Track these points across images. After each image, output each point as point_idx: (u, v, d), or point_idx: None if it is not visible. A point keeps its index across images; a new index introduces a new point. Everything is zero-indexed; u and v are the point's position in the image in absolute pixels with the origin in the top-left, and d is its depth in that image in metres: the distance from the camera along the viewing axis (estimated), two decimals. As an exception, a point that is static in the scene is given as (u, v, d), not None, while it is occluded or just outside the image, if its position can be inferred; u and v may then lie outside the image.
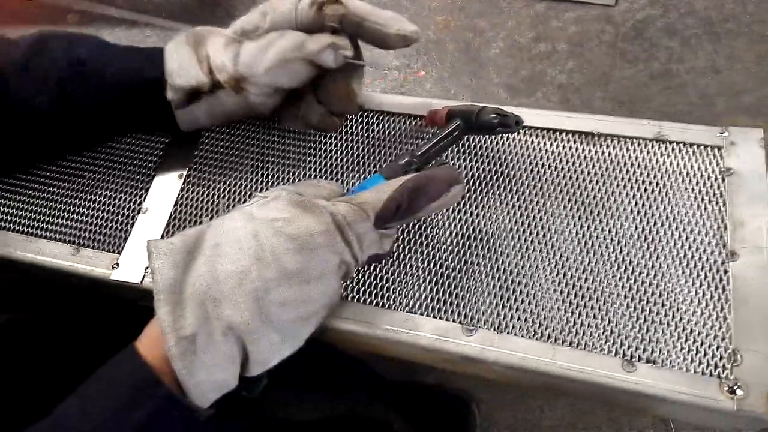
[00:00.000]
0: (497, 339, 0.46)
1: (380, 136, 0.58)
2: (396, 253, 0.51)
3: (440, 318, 0.48)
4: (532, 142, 0.55)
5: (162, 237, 0.55)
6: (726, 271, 0.46)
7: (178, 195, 0.58)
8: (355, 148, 0.58)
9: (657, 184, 0.51)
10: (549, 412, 1.02)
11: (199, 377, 0.37)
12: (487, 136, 0.56)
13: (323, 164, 0.57)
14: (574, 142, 0.55)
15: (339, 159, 0.57)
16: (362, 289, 0.50)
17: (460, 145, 0.56)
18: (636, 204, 0.51)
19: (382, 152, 0.57)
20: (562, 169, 0.54)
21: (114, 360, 0.39)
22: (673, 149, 0.53)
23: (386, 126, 0.59)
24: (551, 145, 0.55)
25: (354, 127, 0.59)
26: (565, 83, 1.32)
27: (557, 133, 0.55)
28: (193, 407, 0.38)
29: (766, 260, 0.46)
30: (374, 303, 0.49)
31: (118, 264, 0.54)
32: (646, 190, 0.51)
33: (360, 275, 0.51)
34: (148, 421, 0.36)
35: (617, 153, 0.53)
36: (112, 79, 0.53)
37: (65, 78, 0.53)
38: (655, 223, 0.49)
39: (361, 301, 0.50)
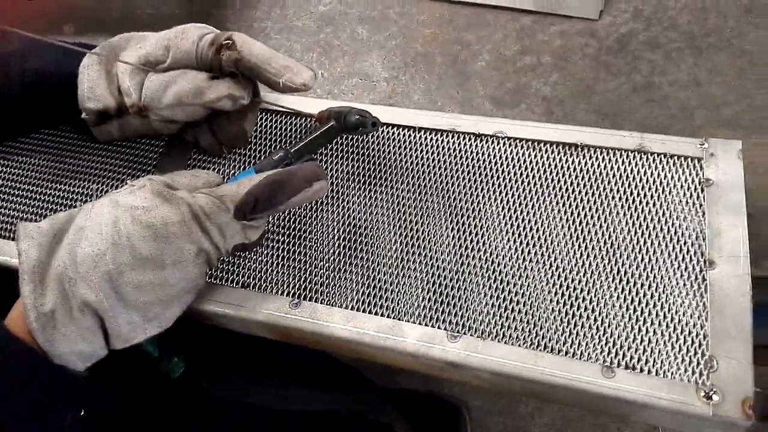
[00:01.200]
0: (481, 345, 0.47)
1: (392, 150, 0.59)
2: (389, 260, 0.52)
3: (427, 325, 0.49)
4: (518, 152, 0.57)
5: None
6: (704, 279, 0.47)
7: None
8: (350, 160, 0.59)
9: (638, 194, 0.52)
10: (539, 419, 1.02)
11: (61, 348, 0.40)
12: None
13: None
14: (558, 152, 0.56)
15: (332, 170, 0.58)
16: (352, 296, 0.51)
17: (450, 153, 0.57)
18: (617, 214, 0.52)
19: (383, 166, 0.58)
20: (546, 179, 0.55)
21: None
22: (654, 160, 0.54)
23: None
24: (536, 155, 0.56)
25: (363, 146, 0.60)
26: (549, 95, 1.34)
27: (542, 144, 0.57)
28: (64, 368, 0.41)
29: (743, 269, 0.47)
30: (363, 310, 0.50)
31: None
32: (627, 200, 0.52)
33: (355, 282, 0.52)
34: (38, 388, 0.40)
35: (600, 164, 0.55)
36: (31, 72, 0.56)
37: None
38: (635, 233, 0.50)
39: (350, 307, 0.50)
